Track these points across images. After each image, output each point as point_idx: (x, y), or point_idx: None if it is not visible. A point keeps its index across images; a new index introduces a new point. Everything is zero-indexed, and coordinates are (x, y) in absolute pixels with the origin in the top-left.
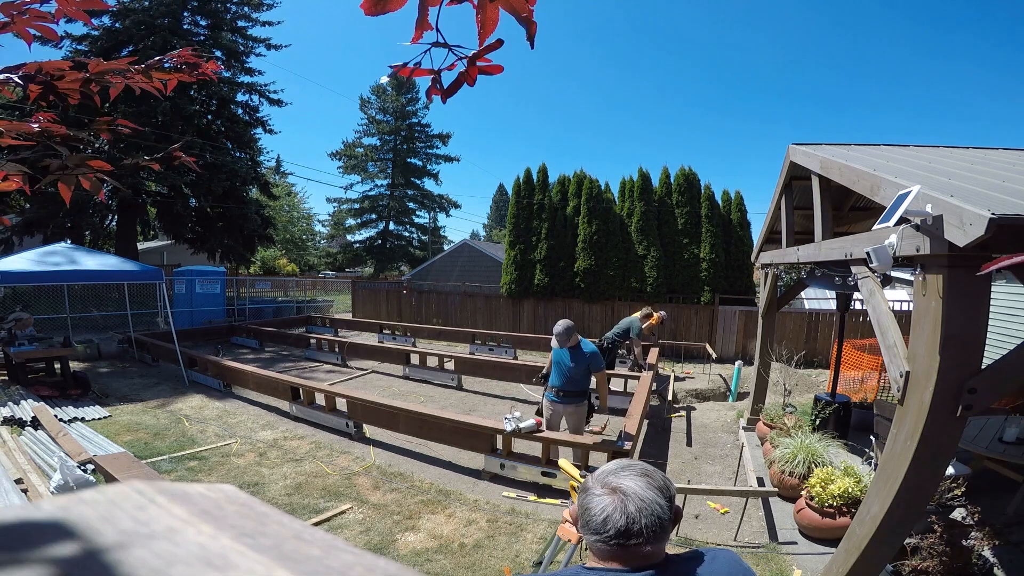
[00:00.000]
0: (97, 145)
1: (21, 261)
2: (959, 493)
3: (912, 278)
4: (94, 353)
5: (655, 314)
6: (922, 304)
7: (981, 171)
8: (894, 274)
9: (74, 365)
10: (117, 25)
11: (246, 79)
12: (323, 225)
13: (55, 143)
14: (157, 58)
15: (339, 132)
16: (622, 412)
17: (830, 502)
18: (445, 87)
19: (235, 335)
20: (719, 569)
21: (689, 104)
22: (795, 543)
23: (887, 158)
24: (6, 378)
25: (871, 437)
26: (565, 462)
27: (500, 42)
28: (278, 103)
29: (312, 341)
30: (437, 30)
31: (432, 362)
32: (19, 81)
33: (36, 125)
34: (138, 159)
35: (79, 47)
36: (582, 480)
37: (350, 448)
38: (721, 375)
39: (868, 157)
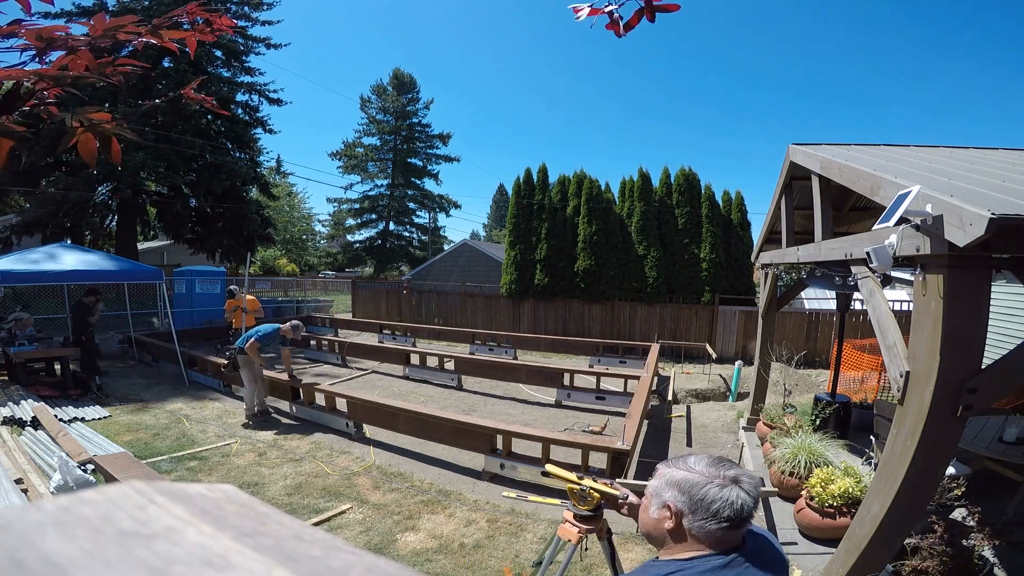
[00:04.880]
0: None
1: (7, 262)
2: (959, 493)
3: (912, 278)
4: None
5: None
6: (922, 304)
7: (981, 171)
8: (894, 274)
9: (73, 365)
10: None
11: (246, 79)
12: (323, 225)
13: (66, 86)
14: (166, 15)
15: (339, 132)
16: (622, 413)
17: (830, 502)
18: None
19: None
20: (776, 548)
21: (690, 104)
22: (795, 543)
23: (887, 158)
24: (6, 378)
25: (871, 437)
26: (554, 467)
27: None
28: (277, 102)
29: (312, 341)
30: None
31: (432, 362)
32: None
33: (36, 64)
34: (153, 103)
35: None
36: (579, 482)
37: (350, 448)
38: (721, 375)
39: (868, 157)
